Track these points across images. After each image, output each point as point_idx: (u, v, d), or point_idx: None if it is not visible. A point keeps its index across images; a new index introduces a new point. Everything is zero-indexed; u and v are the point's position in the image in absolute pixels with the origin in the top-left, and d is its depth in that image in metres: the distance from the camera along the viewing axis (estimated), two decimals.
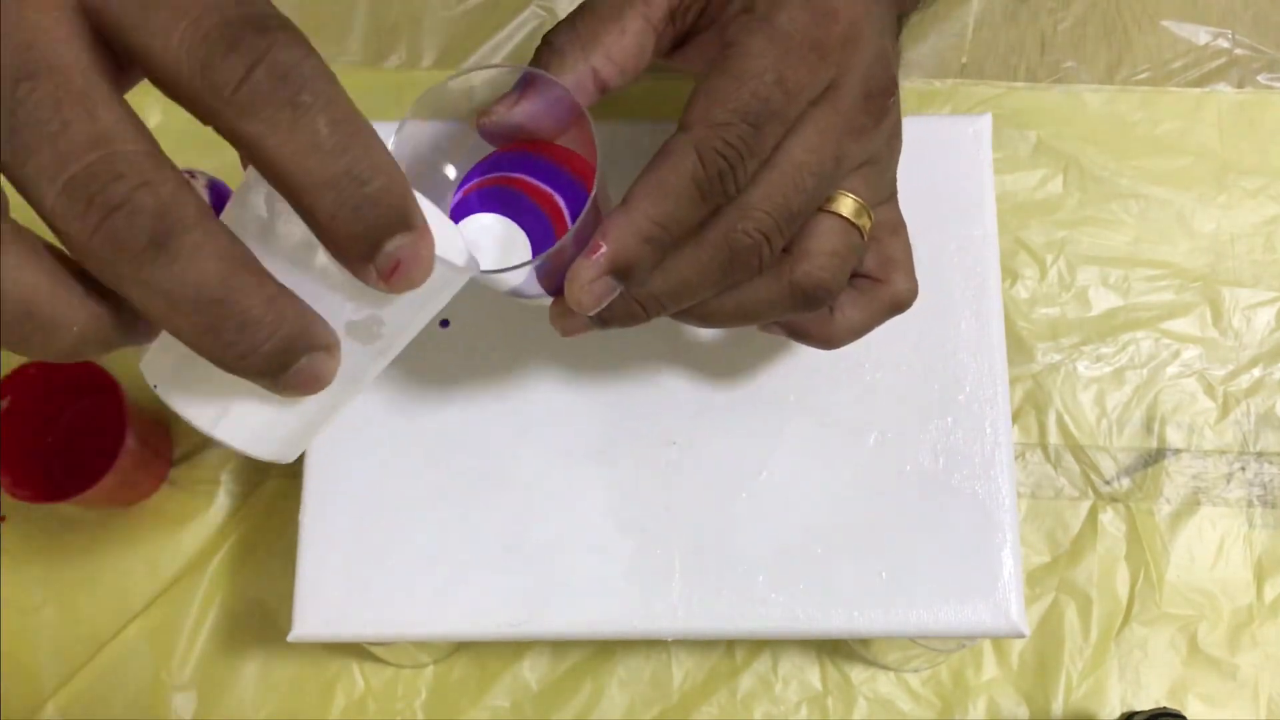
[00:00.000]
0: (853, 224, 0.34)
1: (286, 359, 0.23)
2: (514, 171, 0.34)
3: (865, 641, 0.50)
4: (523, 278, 0.31)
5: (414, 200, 0.23)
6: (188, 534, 0.53)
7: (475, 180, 0.34)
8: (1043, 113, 0.58)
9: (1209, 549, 0.53)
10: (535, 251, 0.32)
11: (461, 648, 0.52)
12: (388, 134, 0.45)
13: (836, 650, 0.52)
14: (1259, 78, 0.59)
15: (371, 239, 0.23)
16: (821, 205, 0.34)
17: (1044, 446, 0.54)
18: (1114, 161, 0.57)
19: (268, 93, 0.21)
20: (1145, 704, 0.51)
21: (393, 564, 0.41)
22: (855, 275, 0.37)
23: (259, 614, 0.52)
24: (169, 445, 0.54)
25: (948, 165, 0.44)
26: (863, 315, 0.38)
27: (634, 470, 0.42)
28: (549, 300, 0.34)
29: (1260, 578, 0.52)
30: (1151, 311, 0.55)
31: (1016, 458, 0.53)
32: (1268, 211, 0.57)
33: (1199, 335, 0.55)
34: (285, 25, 0.22)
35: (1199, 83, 0.59)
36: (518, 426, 0.43)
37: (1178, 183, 0.57)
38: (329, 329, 0.24)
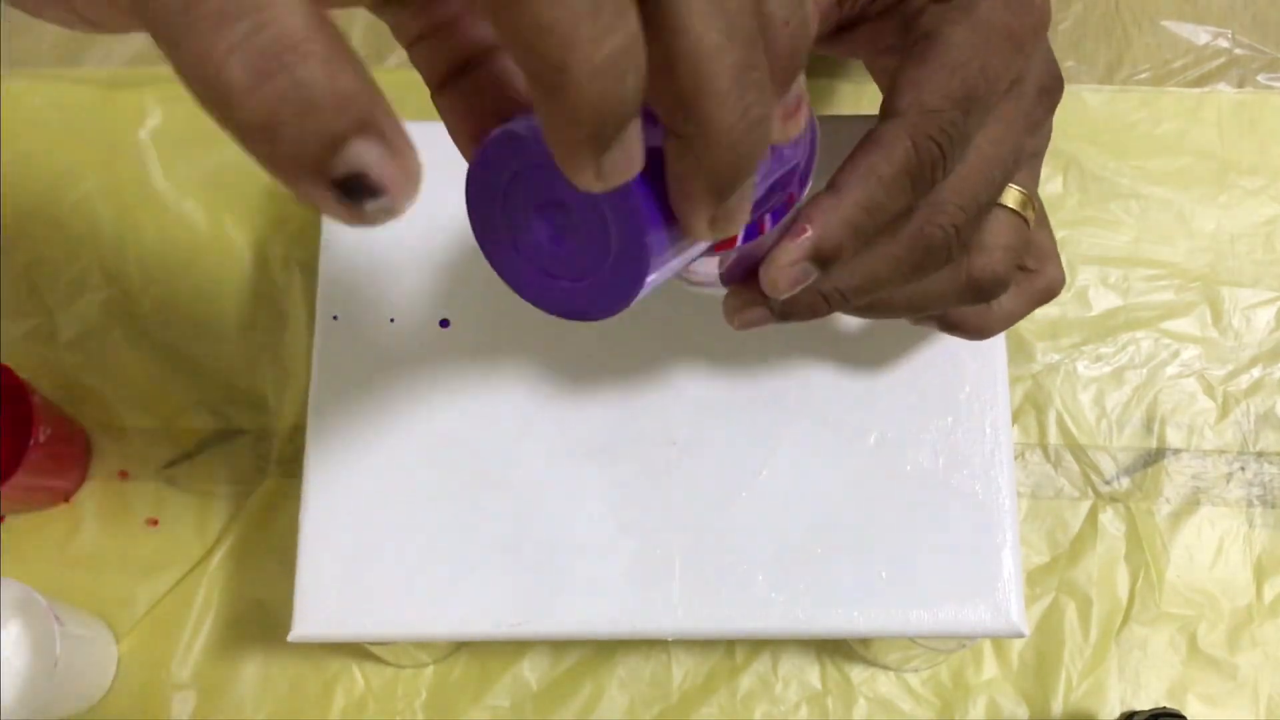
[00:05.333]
0: (1021, 216, 0.34)
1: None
2: None
3: (865, 641, 0.50)
4: (715, 264, 0.30)
5: None
6: (187, 534, 0.53)
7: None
8: None
9: (1209, 549, 0.53)
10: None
11: (461, 648, 0.52)
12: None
13: (836, 650, 0.52)
14: (1259, 78, 0.59)
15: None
16: None
17: (1044, 446, 0.54)
18: (1114, 161, 0.57)
19: None
20: (1145, 704, 0.51)
21: (393, 564, 0.41)
22: None
23: (259, 614, 0.52)
24: (83, 446, 0.54)
25: None
26: (1018, 305, 0.38)
27: (634, 470, 0.42)
28: (715, 288, 0.33)
29: (1260, 578, 0.52)
30: (1151, 311, 0.56)
31: (1016, 458, 0.53)
32: (1268, 211, 0.57)
33: (1199, 335, 0.55)
34: None
35: (1199, 83, 0.59)
36: (518, 426, 0.43)
37: (1178, 183, 0.57)
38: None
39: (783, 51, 0.21)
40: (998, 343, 0.43)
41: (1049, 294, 0.38)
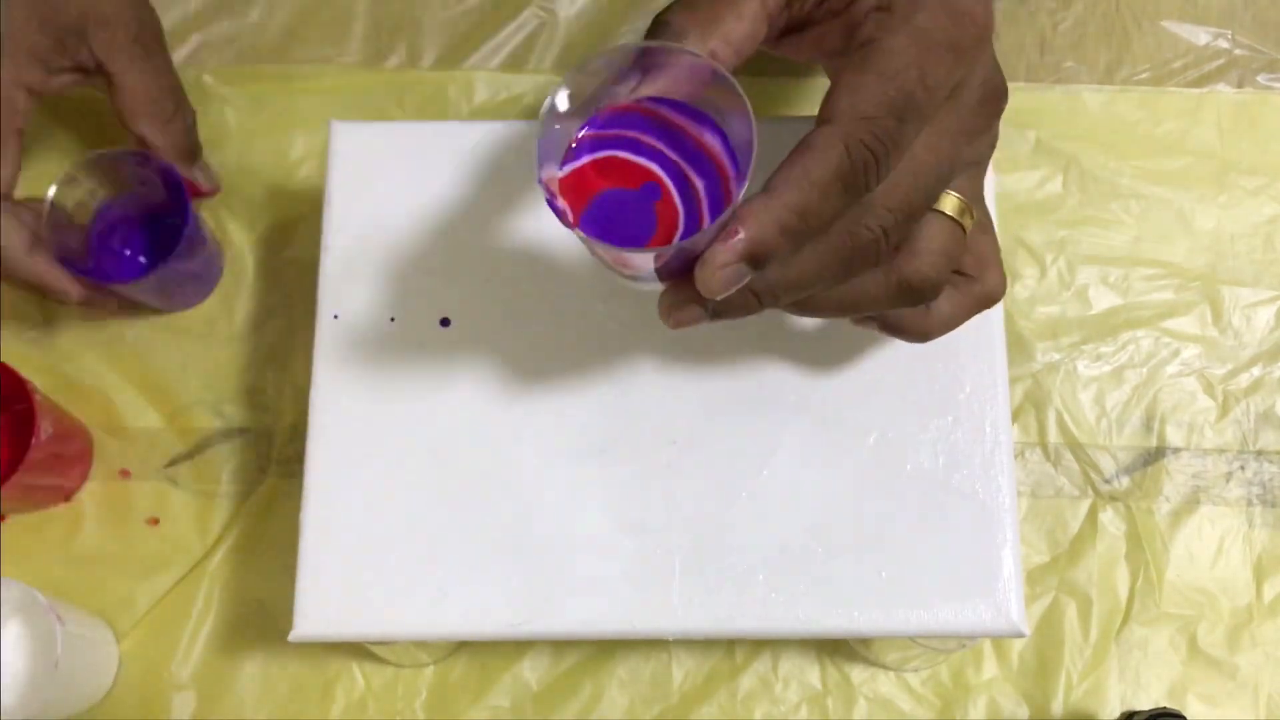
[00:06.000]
0: (958, 223, 0.35)
1: None
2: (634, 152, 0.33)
3: (865, 641, 0.50)
4: (651, 259, 0.32)
5: None
6: (187, 534, 0.53)
7: (591, 131, 0.33)
8: (1043, 113, 0.58)
9: (1209, 548, 0.53)
10: (648, 228, 0.32)
11: (461, 648, 0.52)
12: (389, 133, 0.45)
13: (836, 650, 0.52)
14: (1259, 78, 0.59)
15: None
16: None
17: (1044, 446, 0.54)
18: (1114, 161, 0.57)
19: None
20: (1145, 704, 0.51)
21: (393, 564, 0.41)
22: None
23: (259, 614, 0.52)
24: (84, 445, 0.54)
25: None
26: (956, 309, 0.39)
27: (634, 470, 0.42)
28: (652, 284, 0.34)
29: (1260, 577, 0.52)
30: (1151, 310, 0.56)
31: (1016, 457, 0.53)
32: (1268, 211, 0.57)
33: (1199, 334, 0.55)
34: None
35: (1199, 83, 0.59)
36: (518, 426, 0.43)
37: (1178, 183, 0.57)
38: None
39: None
40: (997, 342, 0.43)
41: (989, 300, 0.39)
